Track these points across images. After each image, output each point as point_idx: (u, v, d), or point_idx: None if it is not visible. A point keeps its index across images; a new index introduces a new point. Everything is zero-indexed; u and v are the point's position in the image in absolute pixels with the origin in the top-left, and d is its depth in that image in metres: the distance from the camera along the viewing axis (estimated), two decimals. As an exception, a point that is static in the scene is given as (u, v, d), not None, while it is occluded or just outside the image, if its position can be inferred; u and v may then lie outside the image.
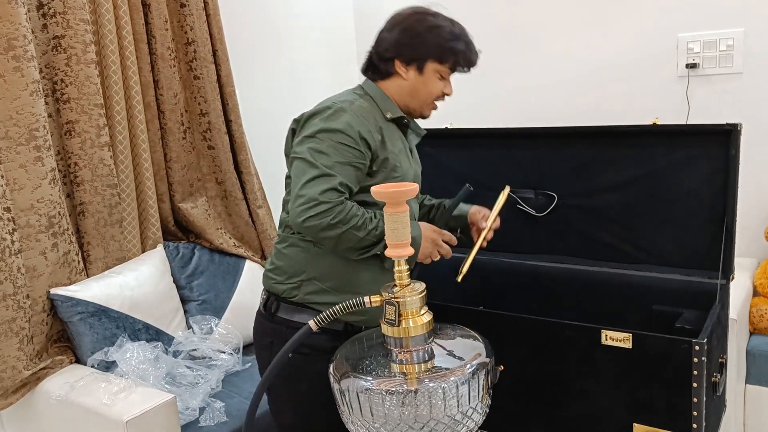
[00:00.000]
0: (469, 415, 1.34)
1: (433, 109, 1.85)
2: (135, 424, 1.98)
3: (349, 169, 1.64)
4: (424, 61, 1.76)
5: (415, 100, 1.80)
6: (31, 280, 2.30)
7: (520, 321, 1.82)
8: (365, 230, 1.63)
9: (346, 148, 1.64)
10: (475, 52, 1.81)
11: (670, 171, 2.08)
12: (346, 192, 1.63)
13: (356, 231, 1.62)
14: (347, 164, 1.64)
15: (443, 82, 1.80)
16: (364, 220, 1.63)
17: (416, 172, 1.88)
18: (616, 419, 1.72)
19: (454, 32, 1.77)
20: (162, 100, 2.83)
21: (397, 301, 1.36)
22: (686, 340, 1.59)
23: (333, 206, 1.60)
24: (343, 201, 1.61)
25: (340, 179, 1.62)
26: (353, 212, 1.62)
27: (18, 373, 2.21)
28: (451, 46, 1.75)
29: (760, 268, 2.85)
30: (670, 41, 2.99)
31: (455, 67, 1.79)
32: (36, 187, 2.30)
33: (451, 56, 1.76)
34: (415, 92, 1.79)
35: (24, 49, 2.24)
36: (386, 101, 1.79)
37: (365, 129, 1.66)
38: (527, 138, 2.31)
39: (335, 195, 1.61)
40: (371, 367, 1.37)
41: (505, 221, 2.04)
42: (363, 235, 1.63)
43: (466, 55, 1.78)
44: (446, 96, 1.84)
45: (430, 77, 1.77)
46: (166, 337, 2.55)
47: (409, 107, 1.82)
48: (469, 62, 1.80)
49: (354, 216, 1.62)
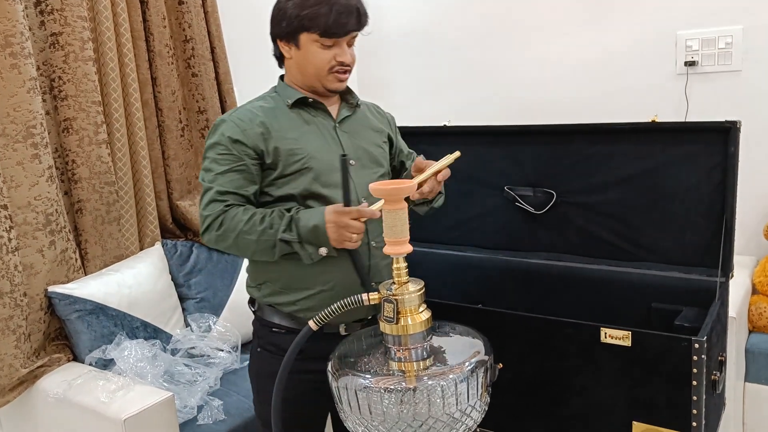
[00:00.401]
0: (468, 413, 1.33)
1: (339, 80, 1.70)
2: (133, 422, 1.97)
3: (229, 175, 1.64)
4: (294, 34, 1.66)
5: (307, 76, 1.70)
6: (29, 277, 2.30)
7: (519, 319, 1.81)
8: (256, 232, 1.60)
9: (223, 156, 1.65)
10: (347, 13, 1.63)
11: (669, 168, 2.07)
12: (229, 198, 1.63)
13: (247, 235, 1.60)
14: (227, 171, 1.64)
15: (332, 51, 1.66)
16: (252, 222, 1.60)
17: (345, 146, 1.74)
18: (616, 417, 1.71)
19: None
20: (160, 97, 2.82)
21: (395, 298, 1.36)
22: (686, 338, 1.58)
23: (216, 217, 1.62)
24: (225, 210, 1.63)
25: (218, 188, 1.63)
26: (238, 218, 1.61)
27: (15, 371, 2.20)
28: (310, 12, 1.62)
29: (759, 266, 2.85)
30: (669, 38, 2.98)
31: (326, 32, 1.63)
32: (33, 184, 2.29)
33: (315, 22, 1.62)
34: (302, 68, 1.70)
35: (21, 46, 2.23)
36: (285, 89, 1.74)
37: (238, 131, 1.65)
38: (526, 135, 2.30)
39: (216, 205, 1.63)
40: (369, 365, 1.36)
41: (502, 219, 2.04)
42: (257, 237, 1.60)
43: (330, 18, 1.61)
44: (345, 64, 1.69)
45: (310, 49, 1.66)
46: (164, 335, 2.54)
47: (309, 85, 1.72)
48: (336, 25, 1.63)
49: (240, 221, 1.61)
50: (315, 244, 1.59)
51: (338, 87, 1.72)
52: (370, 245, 1.71)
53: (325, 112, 1.75)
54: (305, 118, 1.73)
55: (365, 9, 1.69)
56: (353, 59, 1.72)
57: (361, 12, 1.66)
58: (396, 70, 3.80)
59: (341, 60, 1.67)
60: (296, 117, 1.72)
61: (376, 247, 1.72)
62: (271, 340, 1.77)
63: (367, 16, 1.69)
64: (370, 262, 1.72)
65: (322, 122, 1.74)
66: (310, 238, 1.58)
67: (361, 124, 1.82)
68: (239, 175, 1.65)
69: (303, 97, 1.72)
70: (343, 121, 1.77)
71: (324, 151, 1.69)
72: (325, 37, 1.63)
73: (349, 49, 1.71)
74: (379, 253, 1.72)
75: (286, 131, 1.68)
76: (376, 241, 1.72)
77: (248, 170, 1.65)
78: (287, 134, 1.68)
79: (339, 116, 1.77)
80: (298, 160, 1.66)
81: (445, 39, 3.57)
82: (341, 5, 1.62)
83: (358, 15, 1.65)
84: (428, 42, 3.63)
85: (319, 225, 1.57)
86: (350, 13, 1.63)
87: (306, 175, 1.66)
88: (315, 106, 1.74)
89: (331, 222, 1.56)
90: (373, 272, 1.72)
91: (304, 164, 1.66)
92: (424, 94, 3.72)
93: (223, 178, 1.64)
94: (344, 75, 1.71)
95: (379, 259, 1.74)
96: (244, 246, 1.62)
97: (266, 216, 1.62)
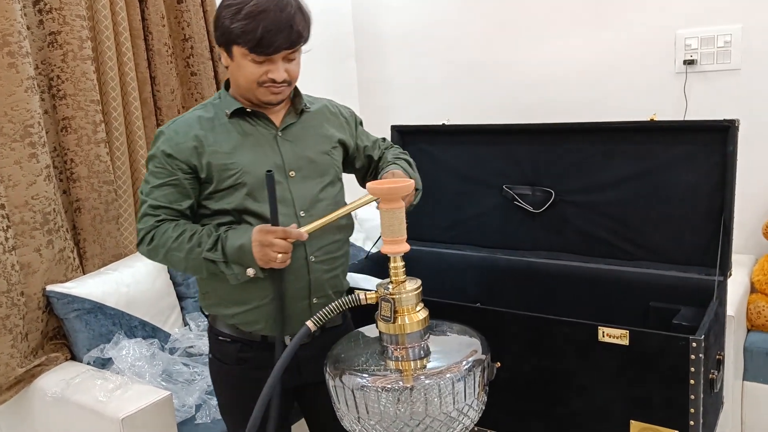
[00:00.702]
0: (465, 412, 1.33)
1: (273, 93, 1.62)
2: (131, 421, 1.97)
3: (163, 189, 1.62)
4: (228, 44, 1.59)
5: (241, 87, 1.63)
6: (26, 277, 2.30)
7: (517, 318, 1.81)
8: (184, 250, 1.58)
9: (158, 170, 1.63)
10: (276, 31, 1.52)
11: (667, 167, 2.07)
12: (161, 212, 1.62)
13: (176, 252, 1.59)
14: (161, 185, 1.62)
15: (264, 66, 1.58)
16: (181, 240, 1.59)
17: (285, 157, 1.67)
18: (614, 416, 1.71)
19: (242, 10, 1.53)
20: (159, 96, 2.82)
21: (392, 297, 1.35)
22: (684, 337, 1.58)
23: (147, 231, 1.63)
24: (156, 225, 1.62)
25: (151, 202, 1.63)
26: (168, 234, 1.60)
27: (12, 370, 2.20)
28: (239, 26, 1.53)
29: (757, 264, 2.84)
30: (668, 37, 2.98)
31: (254, 49, 1.54)
32: (31, 183, 2.29)
33: (243, 38, 1.53)
34: (235, 79, 1.63)
35: (19, 45, 2.23)
36: (226, 98, 1.68)
37: (171, 144, 1.62)
38: (524, 134, 2.30)
39: (149, 220, 1.63)
40: (367, 364, 1.36)
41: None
42: (185, 255, 1.59)
43: (258, 35, 1.52)
44: (276, 82, 1.59)
45: (241, 62, 1.58)
46: (162, 334, 2.54)
47: (244, 95, 1.65)
48: (265, 44, 1.53)
49: (169, 238, 1.60)
50: (242, 265, 1.57)
51: (272, 100, 1.64)
52: (308, 260, 1.67)
53: (267, 120, 1.68)
54: (244, 129, 1.66)
55: (302, 25, 1.58)
56: (294, 74, 1.63)
57: (295, 29, 1.55)
58: (395, 69, 3.80)
59: (272, 77, 1.58)
60: (233, 128, 1.65)
61: (315, 261, 1.68)
62: (218, 348, 1.77)
63: (301, 35, 1.58)
64: (310, 277, 1.68)
65: (262, 132, 1.67)
66: (236, 258, 1.56)
67: (308, 131, 1.73)
68: (173, 189, 1.62)
69: (241, 108, 1.66)
70: (286, 129, 1.70)
71: (260, 165, 1.63)
72: (254, 53, 1.55)
73: (289, 64, 1.61)
74: (319, 267, 1.69)
75: (220, 144, 1.63)
76: (315, 256, 1.68)
77: (181, 185, 1.63)
78: (221, 148, 1.62)
79: (282, 124, 1.70)
80: (231, 175, 1.61)
81: (444, 38, 3.57)
82: (271, 22, 1.52)
83: (290, 33, 1.55)
84: (427, 41, 3.63)
85: (245, 245, 1.54)
86: (280, 31, 1.53)
87: (240, 190, 1.62)
88: (255, 115, 1.68)
89: (256, 241, 1.53)
90: (315, 287, 1.69)
91: (237, 179, 1.61)
92: (423, 93, 3.72)
93: (158, 192, 1.63)
94: (278, 89, 1.62)
95: (320, 273, 1.69)
96: (175, 262, 1.62)
97: (196, 233, 1.60)
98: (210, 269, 1.60)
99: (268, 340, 1.71)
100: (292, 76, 1.63)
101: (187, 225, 1.63)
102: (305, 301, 1.69)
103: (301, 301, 1.68)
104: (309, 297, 1.69)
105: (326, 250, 1.70)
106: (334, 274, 1.74)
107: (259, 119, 1.68)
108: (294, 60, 1.62)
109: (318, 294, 1.70)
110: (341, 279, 1.79)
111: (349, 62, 3.91)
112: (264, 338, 1.71)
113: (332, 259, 1.73)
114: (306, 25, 1.60)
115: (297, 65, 1.64)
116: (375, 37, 3.80)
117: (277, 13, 1.52)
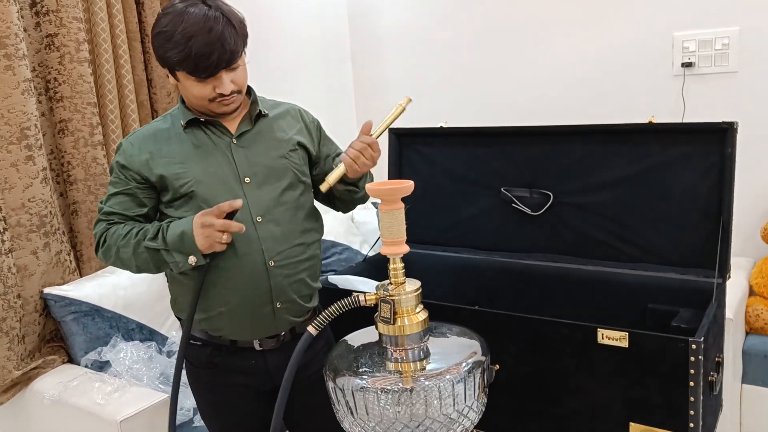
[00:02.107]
0: (465, 414, 1.33)
1: (225, 105, 1.62)
2: (129, 424, 1.97)
3: (118, 197, 1.67)
4: (169, 69, 1.61)
5: (192, 102, 1.65)
6: (23, 279, 2.29)
7: (516, 320, 1.80)
8: (131, 245, 1.61)
9: (115, 180, 1.68)
10: (207, 54, 1.52)
11: (665, 169, 2.06)
12: (114, 218, 1.67)
13: (124, 248, 1.62)
14: (117, 194, 1.67)
15: (209, 83, 1.58)
16: (128, 236, 1.62)
17: (239, 164, 1.67)
18: (613, 418, 1.71)
19: (172, 38, 1.53)
20: (156, 99, 2.82)
21: (392, 299, 1.35)
22: (683, 339, 1.58)
23: (101, 235, 1.67)
24: (107, 227, 1.67)
25: (105, 209, 1.68)
26: (118, 233, 1.64)
27: (8, 373, 2.19)
28: (172, 54, 1.54)
29: (756, 267, 2.85)
30: (666, 40, 2.98)
31: (193, 73, 1.56)
32: (27, 186, 2.28)
33: (179, 64, 1.55)
34: (187, 96, 1.65)
35: (15, 47, 2.23)
36: (181, 109, 1.69)
37: (126, 156, 1.66)
38: (522, 136, 2.30)
39: (101, 225, 1.68)
40: (366, 366, 1.36)
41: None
42: (132, 250, 1.61)
43: (191, 61, 1.52)
44: (224, 95, 1.60)
45: (186, 83, 1.59)
46: (159, 336, 2.53)
47: (198, 109, 1.67)
48: (200, 68, 1.54)
49: (119, 236, 1.63)
50: (183, 252, 1.57)
51: (226, 110, 1.65)
52: (267, 265, 1.66)
53: (222, 128, 1.69)
54: (198, 139, 1.67)
55: (233, 40, 1.55)
56: (241, 82, 1.63)
57: (227, 48, 1.53)
58: (392, 71, 3.80)
59: (220, 92, 1.59)
60: (188, 139, 1.67)
61: (275, 266, 1.67)
62: (190, 352, 1.77)
63: (235, 50, 1.56)
64: (270, 283, 1.67)
65: (216, 141, 1.68)
66: (177, 245, 1.57)
67: (263, 136, 1.73)
68: (127, 197, 1.67)
69: (194, 119, 1.67)
70: (241, 135, 1.70)
71: (212, 175, 1.64)
72: (194, 76, 1.56)
73: (234, 74, 1.60)
74: (279, 272, 1.68)
75: (174, 155, 1.65)
76: (275, 261, 1.67)
77: (135, 195, 1.67)
78: (175, 159, 1.65)
79: (237, 131, 1.70)
80: (184, 184, 1.63)
81: (441, 40, 3.57)
82: (200, 46, 1.51)
83: (222, 52, 1.53)
84: (424, 42, 3.63)
85: (187, 231, 1.56)
86: (211, 54, 1.52)
87: (194, 199, 1.64)
88: (211, 124, 1.68)
89: (197, 224, 1.55)
90: (277, 292, 1.68)
91: (190, 188, 1.63)
92: (421, 95, 3.71)
93: (113, 200, 1.67)
94: (229, 100, 1.62)
95: (281, 278, 1.68)
96: (125, 259, 1.64)
97: (142, 229, 1.63)
98: (155, 261, 1.61)
99: (238, 344, 1.72)
100: (239, 84, 1.63)
101: (136, 224, 1.65)
102: (268, 306, 1.68)
103: (264, 307, 1.68)
104: (272, 302, 1.68)
105: (286, 255, 1.69)
106: (297, 278, 1.72)
107: (215, 128, 1.69)
108: (238, 68, 1.62)
109: (281, 299, 1.69)
110: (308, 283, 1.76)
111: (345, 64, 3.91)
112: (233, 342, 1.72)
113: (294, 264, 1.71)
114: (239, 37, 1.58)
115: (243, 71, 1.64)
116: (371, 39, 3.80)
117: (205, 35, 1.51)
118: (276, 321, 1.71)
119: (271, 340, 1.73)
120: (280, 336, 1.74)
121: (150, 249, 1.59)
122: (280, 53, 3.50)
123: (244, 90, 1.67)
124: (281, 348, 1.72)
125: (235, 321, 1.69)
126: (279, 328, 1.72)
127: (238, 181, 1.66)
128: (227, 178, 1.66)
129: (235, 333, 1.71)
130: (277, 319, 1.71)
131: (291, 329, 1.75)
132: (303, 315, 1.76)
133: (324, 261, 3.11)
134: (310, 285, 1.77)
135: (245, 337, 1.71)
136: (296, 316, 1.74)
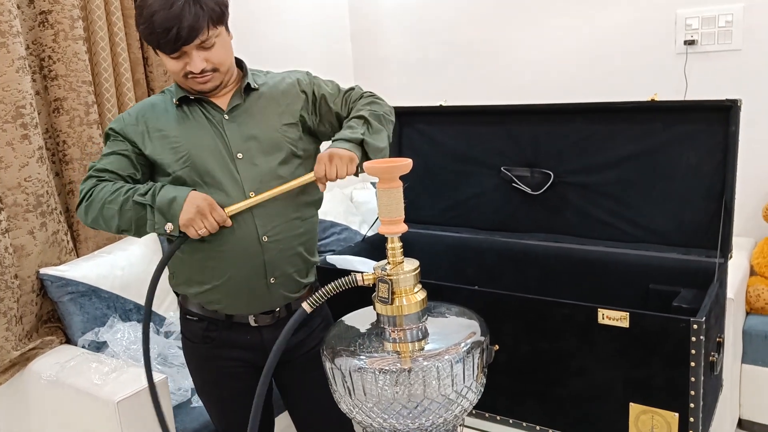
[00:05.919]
0: (464, 395, 1.32)
1: (201, 83, 1.62)
2: (126, 404, 1.96)
3: (111, 157, 1.66)
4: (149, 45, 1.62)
5: (173, 78, 1.67)
6: (20, 259, 2.27)
7: (516, 300, 1.79)
8: (118, 202, 1.58)
9: (112, 142, 1.68)
10: (165, 30, 1.51)
11: (668, 148, 2.05)
12: (105, 174, 1.65)
13: (110, 204, 1.59)
14: (110, 154, 1.66)
15: (181, 60, 1.58)
16: (117, 192, 1.59)
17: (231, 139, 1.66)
18: (613, 398, 1.70)
19: (142, 14, 1.54)
20: (152, 77, 2.78)
21: (390, 278, 1.33)
22: (684, 319, 1.57)
23: (88, 190, 1.63)
24: (97, 183, 1.64)
25: (98, 166, 1.66)
26: (107, 189, 1.61)
27: (6, 353, 2.18)
28: (141, 29, 1.56)
29: (757, 247, 2.83)
30: (669, 17, 2.95)
31: (156, 48, 1.58)
32: (23, 165, 2.26)
33: (146, 40, 1.58)
34: (168, 70, 1.65)
35: (9, 24, 2.19)
36: (175, 86, 1.70)
37: (122, 125, 1.68)
38: (523, 115, 2.28)
39: (91, 180, 1.65)
40: (364, 346, 1.34)
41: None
42: (118, 207, 1.58)
43: (153, 37, 1.54)
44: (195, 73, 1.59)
45: (163, 57, 1.60)
46: (157, 317, 2.53)
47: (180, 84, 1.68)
48: (162, 44, 1.54)
49: (107, 192, 1.60)
50: (165, 217, 1.56)
51: (202, 89, 1.64)
52: (261, 240, 1.65)
53: (213, 105, 1.68)
54: (190, 115, 1.68)
55: (194, 18, 1.52)
56: (217, 59, 1.60)
57: (185, 25, 1.51)
58: (392, 50, 3.76)
59: (190, 69, 1.58)
60: (181, 114, 1.68)
61: (269, 241, 1.66)
62: (187, 327, 1.79)
63: (194, 28, 1.52)
64: (264, 257, 1.66)
65: (208, 117, 1.67)
66: (164, 207, 1.56)
67: (256, 110, 1.71)
68: (121, 157, 1.66)
69: (184, 96, 1.67)
70: (233, 110, 1.69)
71: (203, 151, 1.64)
72: (160, 51, 1.58)
73: (207, 52, 1.58)
74: (274, 246, 1.67)
75: (168, 129, 1.66)
76: (269, 236, 1.66)
77: (130, 157, 1.66)
78: (169, 132, 1.66)
79: (228, 106, 1.68)
80: (180, 157, 1.64)
81: (442, 18, 3.53)
82: (161, 22, 1.50)
83: (179, 29, 1.51)
84: (424, 21, 3.59)
85: (178, 199, 1.55)
86: (169, 30, 1.50)
87: (187, 170, 1.64)
88: (202, 100, 1.68)
89: (194, 204, 1.55)
90: (271, 267, 1.68)
91: (186, 161, 1.63)
92: (420, 74, 3.68)
93: (105, 159, 1.66)
94: (203, 78, 1.61)
95: (275, 253, 1.67)
96: (108, 217, 1.60)
97: (132, 188, 1.61)
98: (138, 221, 1.58)
99: (233, 320, 1.73)
100: (215, 62, 1.60)
101: (126, 184, 1.63)
102: (262, 280, 1.68)
103: (257, 280, 1.68)
104: (266, 277, 1.68)
105: (281, 230, 1.68)
106: (292, 253, 1.72)
107: (206, 104, 1.68)
108: (212, 47, 1.59)
109: (275, 274, 1.69)
110: (305, 257, 1.76)
111: (344, 43, 3.87)
112: (229, 317, 1.73)
113: (289, 238, 1.70)
114: (204, 14, 1.53)
115: (220, 49, 1.61)
116: (371, 17, 3.76)
117: (165, 11, 1.50)
118: (271, 296, 1.71)
119: (267, 316, 1.73)
120: (276, 312, 1.74)
121: (137, 204, 1.57)
122: (280, 31, 3.46)
123: (224, 68, 1.64)
124: (277, 324, 1.72)
125: (229, 295, 1.69)
126: (274, 303, 1.72)
127: (231, 156, 1.65)
128: (221, 153, 1.65)
129: (230, 308, 1.71)
130: (271, 295, 1.70)
131: (287, 305, 1.75)
132: (298, 291, 1.76)
133: (323, 241, 3.09)
134: (307, 259, 1.77)
135: (240, 311, 1.72)
136: (291, 292, 1.74)
